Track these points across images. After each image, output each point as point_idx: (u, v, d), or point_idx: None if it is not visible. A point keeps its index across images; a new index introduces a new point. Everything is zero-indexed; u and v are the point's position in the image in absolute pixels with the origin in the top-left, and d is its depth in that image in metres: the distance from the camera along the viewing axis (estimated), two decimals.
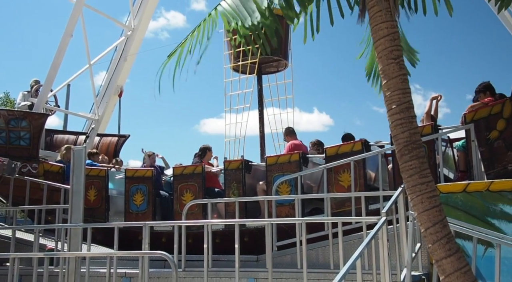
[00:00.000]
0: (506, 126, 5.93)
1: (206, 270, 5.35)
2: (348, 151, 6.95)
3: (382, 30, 3.50)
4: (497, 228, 4.68)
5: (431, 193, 3.36)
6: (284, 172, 7.23)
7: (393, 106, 3.45)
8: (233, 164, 7.85)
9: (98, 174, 8.58)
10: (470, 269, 3.32)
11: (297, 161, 7.27)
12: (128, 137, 12.05)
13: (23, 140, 9.03)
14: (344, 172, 6.80)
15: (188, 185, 7.94)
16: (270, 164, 7.49)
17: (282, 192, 7.16)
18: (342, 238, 4.97)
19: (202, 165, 8.11)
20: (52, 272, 5.85)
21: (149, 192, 8.17)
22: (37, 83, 11.23)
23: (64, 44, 10.75)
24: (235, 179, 7.68)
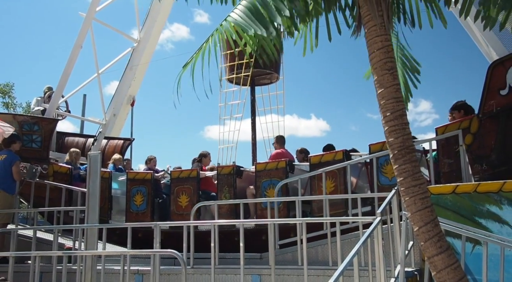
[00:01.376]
0: (473, 141, 6.02)
1: (213, 267, 5.33)
2: (330, 159, 7.10)
3: (377, 43, 3.51)
4: (484, 227, 4.67)
5: (423, 195, 3.36)
6: (271, 177, 7.41)
7: (387, 114, 3.46)
8: (225, 169, 8.01)
9: (102, 175, 8.60)
10: (459, 265, 3.31)
11: (284, 168, 7.43)
12: (133, 140, 12.22)
13: (35, 143, 9.15)
14: (326, 179, 6.86)
15: (184, 188, 8.04)
16: (259, 170, 7.63)
17: (270, 196, 7.21)
18: (340, 237, 4.97)
19: (197, 170, 8.19)
20: (70, 269, 5.84)
21: (148, 193, 8.28)
22: (50, 89, 11.37)
23: (74, 54, 10.89)
24: (227, 183, 7.83)
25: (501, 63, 6.04)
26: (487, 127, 5.99)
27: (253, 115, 11.44)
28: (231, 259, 6.10)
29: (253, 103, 11.45)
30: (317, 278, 5.17)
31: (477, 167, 5.92)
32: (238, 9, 3.67)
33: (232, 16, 3.67)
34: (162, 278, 5.54)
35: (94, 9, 10.99)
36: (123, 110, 12.82)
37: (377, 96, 3.56)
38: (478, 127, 6.04)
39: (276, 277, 5.11)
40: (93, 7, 10.95)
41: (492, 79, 5.98)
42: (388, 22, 3.55)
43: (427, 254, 3.32)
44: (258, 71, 10.94)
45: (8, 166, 7.36)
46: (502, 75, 5.95)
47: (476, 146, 5.98)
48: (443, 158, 6.25)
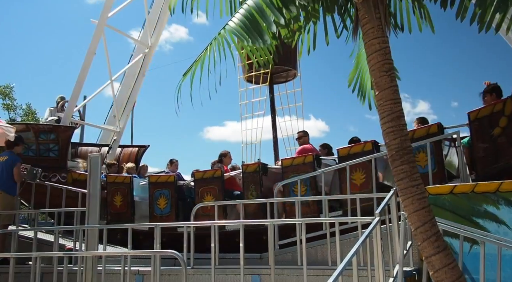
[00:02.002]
0: (508, 123, 5.85)
1: (213, 267, 5.35)
2: (359, 151, 6.84)
3: (374, 45, 3.53)
4: (482, 226, 4.69)
5: (420, 195, 3.38)
6: (299, 173, 7.13)
7: (385, 115, 3.48)
8: (250, 167, 7.83)
9: (123, 180, 8.60)
10: (457, 264, 3.33)
11: (311, 162, 7.19)
12: (148, 147, 11.96)
13: (52, 152, 9.09)
14: (356, 171, 6.67)
15: (209, 188, 7.91)
16: (285, 166, 7.43)
17: (297, 192, 7.00)
18: (339, 237, 4.99)
19: (221, 169, 8.08)
20: (71, 270, 5.86)
21: (171, 196, 8.16)
22: (63, 99, 11.31)
23: (88, 62, 10.77)
24: (253, 181, 7.64)
25: None
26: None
27: (273, 113, 11.46)
28: (231, 259, 6.12)
29: (272, 101, 11.47)
30: (317, 278, 5.19)
31: None
32: (236, 18, 3.70)
33: (230, 25, 3.71)
34: (163, 278, 5.56)
35: (106, 16, 10.88)
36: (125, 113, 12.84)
37: (375, 97, 3.59)
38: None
39: (276, 277, 5.13)
40: (105, 14, 10.83)
41: None
42: (386, 25, 3.57)
43: (425, 253, 3.34)
44: (276, 68, 10.83)
45: (9, 167, 7.38)
46: None
47: (511, 128, 5.82)
48: (477, 143, 6.06)
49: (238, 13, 3.68)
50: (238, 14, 3.68)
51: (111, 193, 8.51)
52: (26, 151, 9.09)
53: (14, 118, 23.57)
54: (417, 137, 6.37)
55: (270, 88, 11.46)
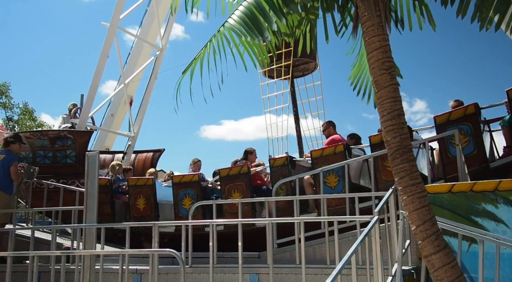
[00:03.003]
0: None
1: (212, 266, 5.33)
2: None
3: (375, 43, 3.51)
4: (480, 225, 4.68)
5: (420, 193, 3.36)
6: (330, 163, 6.82)
7: (385, 114, 3.46)
8: (278, 161, 7.61)
9: (145, 183, 8.40)
10: (457, 264, 3.31)
11: (342, 152, 6.95)
12: (163, 151, 11.59)
13: (69, 158, 8.91)
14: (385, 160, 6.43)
15: (236, 185, 7.68)
16: (315, 157, 7.16)
17: (330, 183, 6.82)
18: (337, 236, 4.97)
19: (248, 165, 7.89)
20: (69, 269, 5.81)
21: (197, 195, 7.98)
22: (75, 106, 11.14)
23: (101, 65, 10.56)
24: (281, 175, 7.31)
25: None
26: None
27: (295, 107, 11.31)
28: (229, 258, 6.10)
29: (294, 94, 11.34)
30: (315, 277, 5.17)
31: None
32: (236, 15, 3.68)
33: (229, 22, 3.68)
34: (161, 277, 5.53)
35: (118, 18, 10.71)
36: (120, 111, 12.79)
37: (375, 96, 3.57)
38: None
39: (274, 276, 5.10)
40: (116, 16, 10.66)
41: None
42: (386, 22, 3.55)
43: (425, 252, 3.32)
44: (296, 60, 10.59)
45: (7, 166, 7.33)
46: None
47: None
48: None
49: (238, 11, 3.65)
50: (237, 11, 3.65)
51: (133, 196, 8.33)
52: (43, 158, 8.91)
53: (11, 117, 23.48)
54: (454, 119, 6.28)
55: (292, 81, 11.22)
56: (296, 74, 11.86)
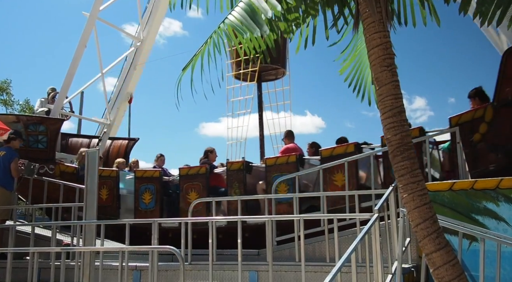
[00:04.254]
0: (488, 130, 5.85)
1: (211, 263, 5.29)
2: (342, 152, 6.95)
3: (375, 40, 3.45)
4: (481, 223, 4.63)
5: (421, 191, 3.31)
6: (282, 172, 7.22)
7: (386, 111, 3.41)
8: (235, 165, 7.87)
9: (109, 174, 8.61)
10: (458, 262, 3.27)
11: (294, 162, 7.28)
12: (137, 140, 12.03)
13: (40, 143, 9.03)
14: (338, 172, 6.77)
15: (193, 185, 7.94)
16: (269, 165, 7.51)
17: (281, 191, 7.15)
18: (337, 233, 4.94)
19: (206, 166, 8.06)
20: (68, 265, 5.80)
21: (157, 191, 8.18)
22: (54, 90, 11.26)
23: (79, 54, 10.80)
24: (236, 179, 7.69)
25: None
26: (503, 116, 5.78)
27: (260, 111, 11.45)
28: (228, 255, 6.07)
29: (260, 99, 11.47)
30: (315, 274, 5.13)
31: (493, 156, 5.78)
32: (236, 11, 3.64)
33: (229, 18, 3.64)
34: (160, 274, 5.51)
35: (98, 9, 10.89)
36: (121, 108, 12.76)
37: (376, 93, 3.52)
38: (493, 116, 5.83)
39: (274, 273, 5.07)
40: (96, 7, 10.84)
41: (507, 66, 5.74)
42: (387, 19, 3.50)
43: (426, 250, 3.28)
44: (264, 66, 10.83)
45: (7, 162, 7.30)
46: None
47: (491, 135, 5.81)
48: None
49: (238, 7, 3.61)
50: (237, 7, 3.61)
51: (98, 186, 8.48)
52: None
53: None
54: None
55: (258, 86, 11.44)
56: (268, 78, 11.97)
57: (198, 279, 5.63)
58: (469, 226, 4.45)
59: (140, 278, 5.87)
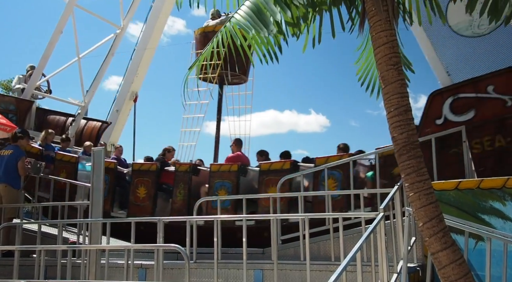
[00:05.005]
0: None
1: (216, 262, 5.29)
2: (278, 168, 7.41)
3: (382, 38, 3.44)
4: (487, 223, 4.61)
5: (428, 190, 3.30)
6: (223, 179, 7.74)
7: (392, 109, 3.40)
8: (182, 167, 8.36)
9: (69, 160, 9.05)
10: (464, 261, 3.25)
11: (236, 172, 7.75)
12: (110, 124, 12.49)
13: (11, 121, 9.24)
14: (272, 186, 7.14)
15: (143, 180, 8.34)
16: (213, 171, 7.93)
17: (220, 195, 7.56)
18: (342, 232, 4.92)
19: (157, 164, 8.50)
20: (75, 263, 5.81)
21: (110, 182, 8.57)
22: (32, 68, 11.76)
23: (54, 39, 11.39)
24: (182, 180, 8.13)
25: (440, 94, 6.28)
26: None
27: (218, 114, 11.56)
28: (233, 254, 6.07)
29: (220, 102, 11.58)
30: (320, 273, 5.12)
31: None
32: (242, 10, 3.64)
33: (235, 17, 3.64)
34: (165, 272, 5.51)
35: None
36: (125, 106, 12.83)
37: (382, 91, 3.50)
38: None
39: (279, 272, 5.06)
40: None
41: (430, 108, 6.25)
42: (393, 17, 3.49)
43: (432, 249, 3.26)
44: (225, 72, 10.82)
45: (14, 161, 7.34)
46: (439, 105, 6.20)
47: None
48: (380, 178, 6.40)
49: (244, 6, 3.60)
50: (244, 6, 3.60)
51: (57, 170, 8.94)
52: None
53: None
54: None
55: (220, 89, 11.54)
56: (233, 81, 11.98)
57: (203, 277, 5.63)
58: (475, 225, 4.42)
59: (146, 276, 5.87)
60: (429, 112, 6.26)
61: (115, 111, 12.88)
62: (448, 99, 6.14)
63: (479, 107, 6.00)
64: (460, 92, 6.08)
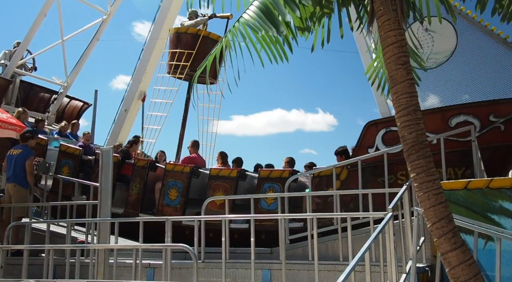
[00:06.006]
0: (340, 187, 6.70)
1: (224, 262, 5.31)
2: (226, 175, 7.72)
3: (390, 38, 3.44)
4: (497, 223, 4.58)
5: (437, 190, 3.29)
6: (176, 179, 8.01)
7: (401, 109, 3.39)
8: (140, 162, 8.65)
9: (39, 142, 9.06)
10: (474, 261, 3.24)
11: (188, 173, 7.98)
12: (90, 105, 13.23)
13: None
14: (219, 191, 7.49)
15: None
16: (167, 170, 8.17)
17: (171, 195, 7.96)
18: (350, 232, 4.91)
19: (118, 157, 8.72)
20: (83, 262, 5.85)
21: (74, 168, 9.11)
22: (19, 44, 12.03)
23: (38, 21, 12.01)
24: (139, 175, 8.42)
25: (375, 124, 6.80)
26: (353, 178, 6.56)
27: (185, 113, 11.56)
28: (241, 253, 6.08)
29: (187, 101, 11.54)
30: (328, 273, 5.12)
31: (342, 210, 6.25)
32: (251, 10, 3.65)
33: (244, 17, 3.65)
34: (174, 272, 5.54)
35: None
36: (134, 106, 12.87)
37: (390, 91, 3.50)
38: (346, 176, 6.84)
39: (287, 272, 5.07)
40: None
41: (365, 137, 6.79)
42: (402, 17, 3.48)
43: (441, 250, 3.25)
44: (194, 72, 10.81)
45: (23, 160, 7.39)
46: (373, 135, 6.72)
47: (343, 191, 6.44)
48: (314, 197, 6.63)
49: (253, 6, 3.61)
50: (252, 6, 3.61)
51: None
52: None
53: None
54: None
55: (189, 88, 11.44)
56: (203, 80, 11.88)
57: (211, 276, 5.65)
58: (485, 225, 4.39)
59: (154, 276, 5.90)
60: (363, 141, 6.81)
61: (123, 110, 12.91)
62: (381, 130, 6.69)
63: None
64: (392, 125, 6.25)
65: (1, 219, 7.43)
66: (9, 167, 7.46)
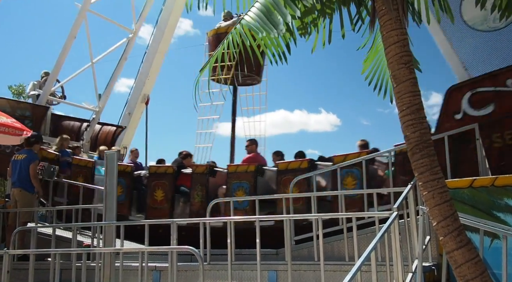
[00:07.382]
0: None
1: (230, 263, 5.33)
2: (296, 167, 7.39)
3: (392, 37, 3.45)
4: (503, 221, 4.58)
5: (442, 189, 3.29)
6: (241, 180, 7.77)
7: (404, 108, 3.40)
8: (199, 168, 8.38)
9: (86, 164, 9.23)
10: (480, 259, 3.24)
11: (253, 172, 7.78)
12: (124, 128, 12.59)
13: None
14: (294, 186, 7.06)
15: (161, 183, 8.37)
16: (230, 172, 7.96)
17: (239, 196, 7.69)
18: (356, 232, 4.92)
19: (173, 167, 8.54)
20: (89, 266, 5.87)
21: (127, 186, 8.65)
22: (47, 74, 11.97)
23: (68, 44, 11.53)
24: (200, 182, 8.15)
25: (459, 88, 6.22)
26: (439, 149, 6.07)
27: (233, 116, 11.59)
28: (247, 255, 6.09)
29: (234, 104, 11.61)
30: (334, 273, 5.12)
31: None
32: (252, 12, 3.67)
33: (245, 19, 3.67)
34: (180, 274, 5.55)
35: (89, 1, 11.52)
36: (137, 109, 12.93)
37: (393, 90, 3.51)
38: None
39: (293, 272, 5.08)
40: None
41: (449, 103, 6.22)
42: (404, 16, 3.49)
43: (447, 248, 3.26)
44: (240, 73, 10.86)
45: (28, 165, 7.44)
46: (458, 100, 6.14)
47: None
48: (399, 175, 6.39)
49: (254, 7, 3.63)
50: (253, 8, 3.63)
51: (74, 175, 9.05)
52: None
53: None
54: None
55: (234, 90, 11.56)
56: (246, 82, 11.95)
57: (217, 278, 5.67)
58: (490, 223, 4.39)
59: (160, 278, 5.92)
60: (448, 107, 6.19)
61: (127, 114, 12.99)
62: (466, 93, 6.09)
63: (499, 101, 5.94)
64: (478, 86, 6.02)
65: (7, 224, 7.49)
66: (14, 172, 7.52)
